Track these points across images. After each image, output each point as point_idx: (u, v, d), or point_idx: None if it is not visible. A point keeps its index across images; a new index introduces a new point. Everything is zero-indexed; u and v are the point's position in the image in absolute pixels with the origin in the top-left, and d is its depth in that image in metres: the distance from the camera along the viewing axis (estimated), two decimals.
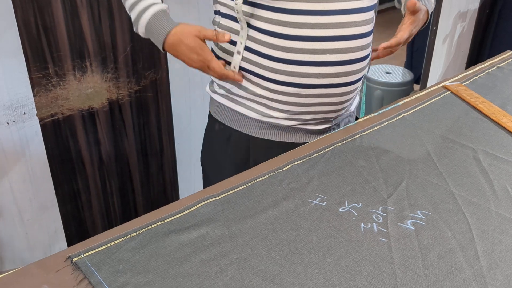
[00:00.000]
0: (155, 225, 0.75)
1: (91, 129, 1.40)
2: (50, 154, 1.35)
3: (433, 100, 1.18)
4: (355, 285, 0.65)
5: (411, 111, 1.12)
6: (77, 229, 1.49)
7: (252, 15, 0.94)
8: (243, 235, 0.73)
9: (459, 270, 0.67)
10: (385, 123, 1.07)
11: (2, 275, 0.66)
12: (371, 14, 0.98)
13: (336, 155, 0.95)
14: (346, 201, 0.82)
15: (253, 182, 0.86)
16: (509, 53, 1.46)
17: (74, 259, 0.68)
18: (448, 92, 1.22)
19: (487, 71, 1.33)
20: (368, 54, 1.02)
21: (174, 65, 1.51)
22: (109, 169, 1.50)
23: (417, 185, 0.86)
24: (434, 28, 2.52)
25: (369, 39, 1.00)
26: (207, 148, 1.17)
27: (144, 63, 1.44)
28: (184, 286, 0.64)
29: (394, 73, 3.00)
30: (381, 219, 0.77)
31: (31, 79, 1.25)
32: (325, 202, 0.81)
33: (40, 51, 1.25)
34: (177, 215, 0.78)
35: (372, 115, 1.11)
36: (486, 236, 0.74)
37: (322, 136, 1.03)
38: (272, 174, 0.88)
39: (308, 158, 0.94)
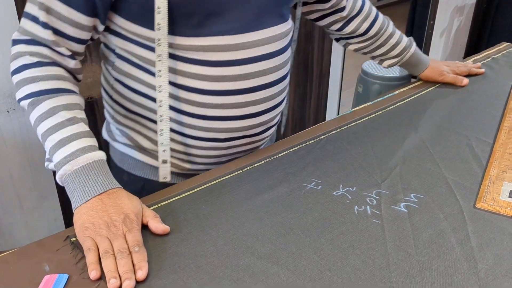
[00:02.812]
0: (153, 207, 0.77)
1: (91, 119, 1.39)
2: None
3: (428, 89, 1.19)
4: (348, 263, 0.66)
5: (406, 100, 1.14)
6: None
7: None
8: (239, 217, 0.75)
9: (450, 250, 0.69)
10: (380, 112, 1.08)
11: (3, 254, 0.68)
12: (288, 54, 0.90)
13: (331, 141, 0.96)
14: (341, 185, 0.83)
15: (250, 167, 0.88)
16: (505, 45, 1.48)
17: (72, 239, 0.70)
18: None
19: (482, 62, 1.34)
20: (285, 96, 0.94)
21: None
22: (108, 160, 1.51)
23: (411, 170, 0.87)
24: (432, 22, 2.53)
25: (287, 81, 0.92)
26: None
27: None
28: (180, 264, 0.66)
29: (393, 67, 3.01)
30: (374, 202, 0.79)
31: None
32: (320, 186, 0.83)
33: None
34: (174, 198, 0.79)
35: (368, 104, 1.12)
36: (477, 218, 0.75)
37: (317, 124, 1.04)
38: (268, 160, 0.90)
39: (304, 144, 0.95)
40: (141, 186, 0.93)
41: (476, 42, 2.88)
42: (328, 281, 0.63)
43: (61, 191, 1.45)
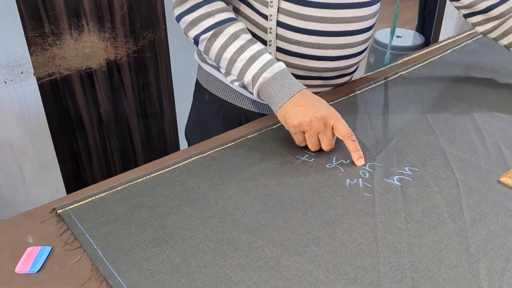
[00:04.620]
0: (141, 179, 0.76)
1: (90, 90, 1.40)
2: (49, 114, 1.36)
3: (432, 59, 1.15)
4: (335, 238, 0.65)
5: (409, 70, 1.10)
6: (78, 188, 1.51)
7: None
8: (228, 190, 0.74)
9: (442, 225, 0.67)
10: (381, 82, 1.05)
11: None
12: (377, 7, 0.94)
13: None
14: (334, 157, 0.81)
15: (242, 139, 0.86)
16: None
17: (58, 211, 0.69)
18: (449, 51, 1.19)
19: None
20: (367, 47, 0.99)
21: (173, 25, 1.50)
22: (109, 129, 1.51)
23: (408, 143, 0.85)
24: None
25: (370, 33, 0.97)
26: (195, 119, 1.12)
27: (142, 22, 1.43)
28: (165, 237, 0.65)
29: (405, 36, 2.94)
30: (367, 175, 0.77)
31: (27, 37, 1.24)
32: (313, 159, 0.81)
33: (35, 9, 1.24)
34: (164, 170, 0.78)
35: (369, 73, 1.09)
36: (473, 192, 0.73)
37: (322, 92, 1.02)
38: (261, 131, 0.88)
39: None
40: (220, 107, 1.03)
41: None
42: (313, 255, 0.62)
43: (63, 161, 1.46)
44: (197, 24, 0.86)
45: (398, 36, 2.93)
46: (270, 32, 0.90)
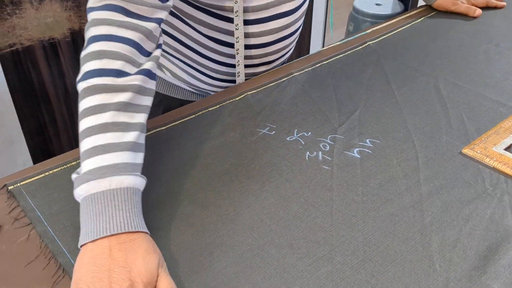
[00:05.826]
0: None
1: (54, 61, 1.36)
2: (12, 87, 1.32)
3: (402, 28, 1.14)
4: (289, 212, 0.64)
5: (378, 40, 1.08)
6: None
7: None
8: (184, 165, 0.72)
9: (398, 197, 0.66)
10: (349, 52, 1.03)
11: None
12: (304, 7, 0.95)
13: (292, 84, 0.92)
14: (296, 130, 0.80)
15: (203, 111, 0.84)
16: None
17: (10, 187, 0.67)
18: (419, 20, 1.17)
19: None
20: (293, 45, 1.01)
21: None
22: (76, 102, 1.47)
23: (371, 114, 0.84)
24: None
25: (299, 32, 0.98)
26: None
27: None
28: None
29: (384, 4, 2.89)
30: (328, 147, 0.76)
31: None
32: (274, 131, 0.79)
33: None
34: None
35: (337, 43, 1.07)
36: (431, 164, 0.72)
37: (280, 66, 1.00)
38: (223, 104, 0.86)
39: (263, 87, 0.91)
40: (159, 101, 1.00)
41: None
42: (266, 229, 0.62)
43: (29, 135, 1.43)
44: (87, 29, 0.65)
45: (377, 4, 2.89)
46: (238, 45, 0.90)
